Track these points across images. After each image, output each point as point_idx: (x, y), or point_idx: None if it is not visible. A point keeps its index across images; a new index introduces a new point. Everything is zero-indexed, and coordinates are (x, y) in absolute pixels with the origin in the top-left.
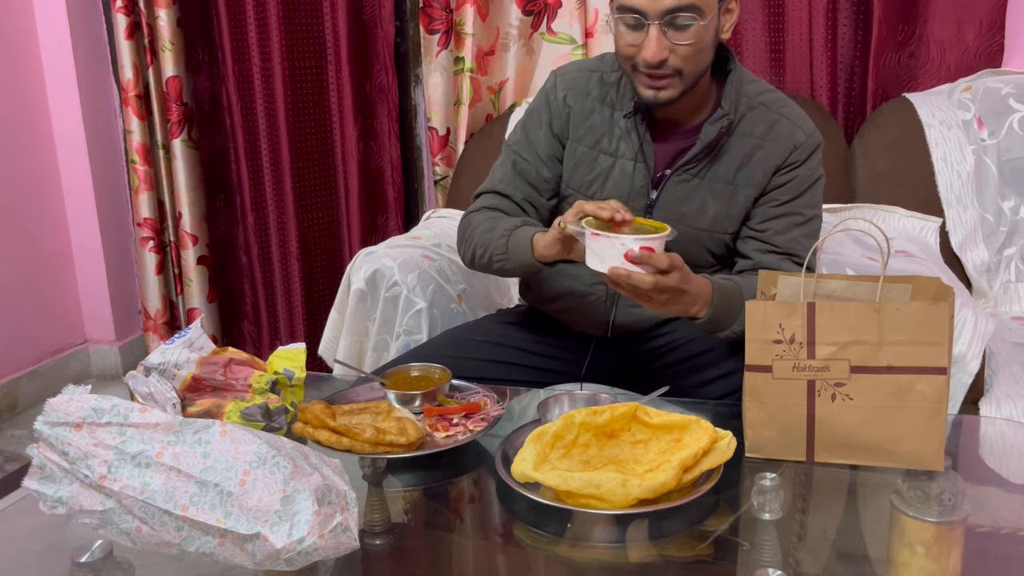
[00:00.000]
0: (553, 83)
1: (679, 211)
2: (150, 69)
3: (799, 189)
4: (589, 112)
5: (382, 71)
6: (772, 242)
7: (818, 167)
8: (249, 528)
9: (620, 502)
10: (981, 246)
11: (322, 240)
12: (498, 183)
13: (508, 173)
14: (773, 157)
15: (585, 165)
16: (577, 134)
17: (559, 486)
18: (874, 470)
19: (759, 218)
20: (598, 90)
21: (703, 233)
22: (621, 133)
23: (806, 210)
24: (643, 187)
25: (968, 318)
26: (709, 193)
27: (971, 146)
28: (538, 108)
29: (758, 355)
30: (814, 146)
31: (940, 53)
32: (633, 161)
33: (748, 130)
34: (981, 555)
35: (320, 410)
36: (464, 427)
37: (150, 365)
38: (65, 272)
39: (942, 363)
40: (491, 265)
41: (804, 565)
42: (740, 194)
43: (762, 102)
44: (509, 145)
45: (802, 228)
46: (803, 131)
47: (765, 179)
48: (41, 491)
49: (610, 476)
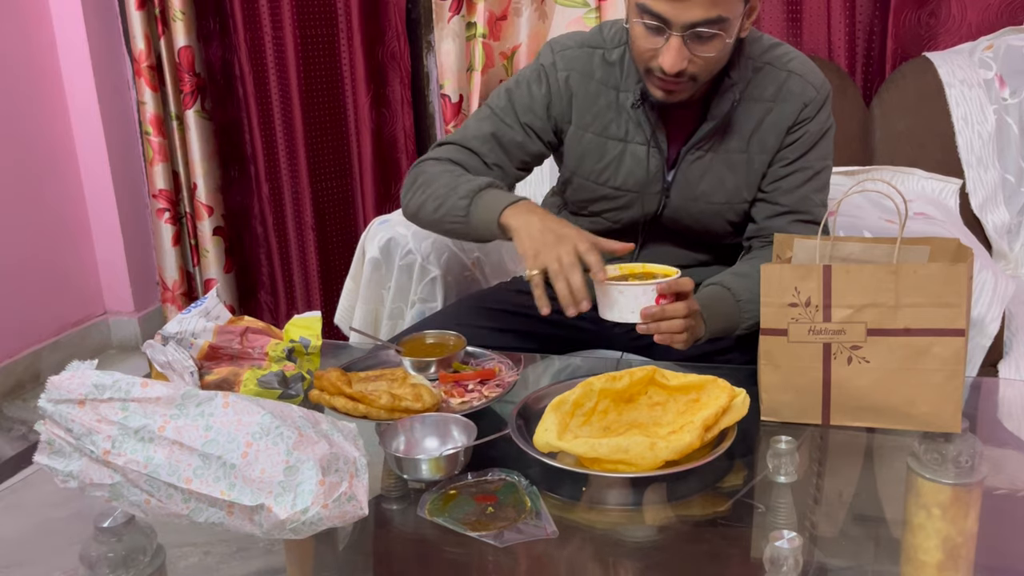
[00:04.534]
0: (552, 60)
1: (697, 189)
2: (162, 40)
3: (809, 144)
4: (595, 97)
5: (394, 38)
6: (780, 202)
7: (828, 118)
8: (253, 500)
9: (648, 465)
10: (1002, 207)
11: (336, 209)
12: (471, 139)
13: (485, 134)
14: (785, 118)
15: (594, 153)
16: (583, 121)
17: (586, 453)
18: (890, 432)
19: (769, 179)
20: (602, 71)
21: (723, 207)
22: (628, 116)
23: (816, 163)
24: (658, 171)
25: (988, 280)
26: (725, 166)
27: (992, 106)
28: (531, 81)
29: (773, 318)
30: (824, 98)
31: (961, 11)
32: (645, 146)
33: (757, 94)
34: (998, 517)
35: (336, 377)
36: (479, 393)
37: (167, 334)
38: (83, 244)
39: (960, 325)
40: (441, 224)
41: (820, 528)
42: (756, 160)
43: (767, 61)
44: (490, 107)
45: (811, 183)
46: (812, 86)
47: (778, 141)
48: (52, 466)
49: (637, 440)
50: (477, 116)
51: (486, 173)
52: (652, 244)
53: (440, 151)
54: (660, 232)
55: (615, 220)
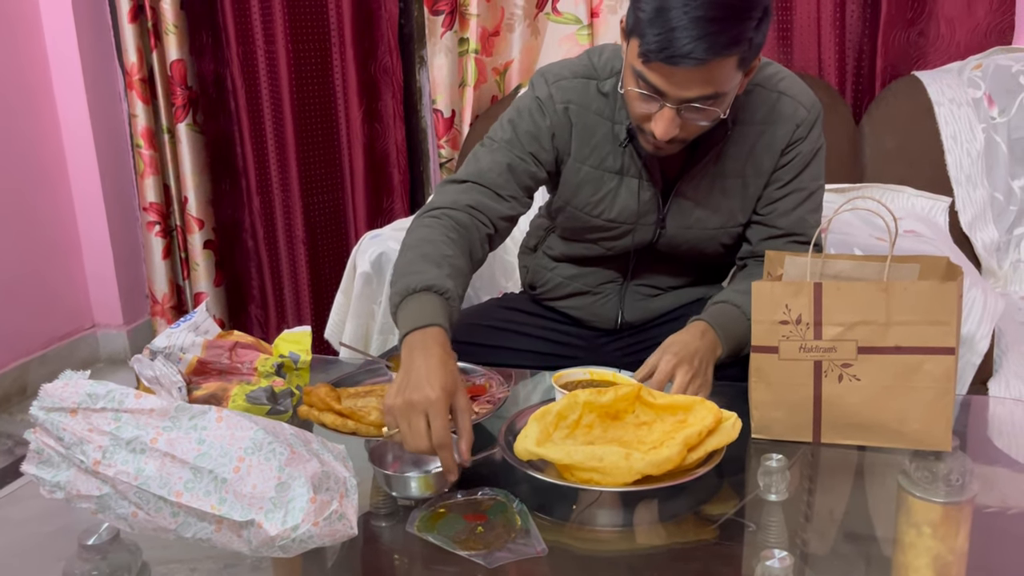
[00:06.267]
0: (548, 92)
1: (692, 217)
2: (154, 52)
3: (802, 164)
4: (593, 128)
5: (387, 53)
6: (776, 224)
7: (819, 137)
8: (243, 515)
9: (623, 476)
10: (991, 225)
11: (328, 223)
12: (486, 173)
13: (501, 167)
14: (778, 140)
15: (590, 185)
16: (582, 153)
17: (561, 459)
18: (881, 450)
19: (764, 201)
20: (597, 102)
21: (718, 231)
22: (624, 148)
23: (810, 184)
24: (651, 203)
25: (977, 298)
26: (720, 191)
27: (981, 124)
28: (532, 111)
29: (764, 336)
30: (815, 118)
31: (950, 30)
32: (638, 179)
33: (749, 117)
34: (989, 535)
35: (325, 393)
36: None
37: (156, 349)
38: (72, 257)
39: (950, 343)
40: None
41: (810, 546)
42: (751, 184)
43: (757, 83)
44: (494, 139)
45: (806, 204)
46: (803, 106)
47: (772, 163)
48: (40, 476)
49: (613, 449)
50: (487, 149)
51: (502, 206)
52: (642, 268)
53: (453, 193)
54: (652, 258)
55: (608, 248)
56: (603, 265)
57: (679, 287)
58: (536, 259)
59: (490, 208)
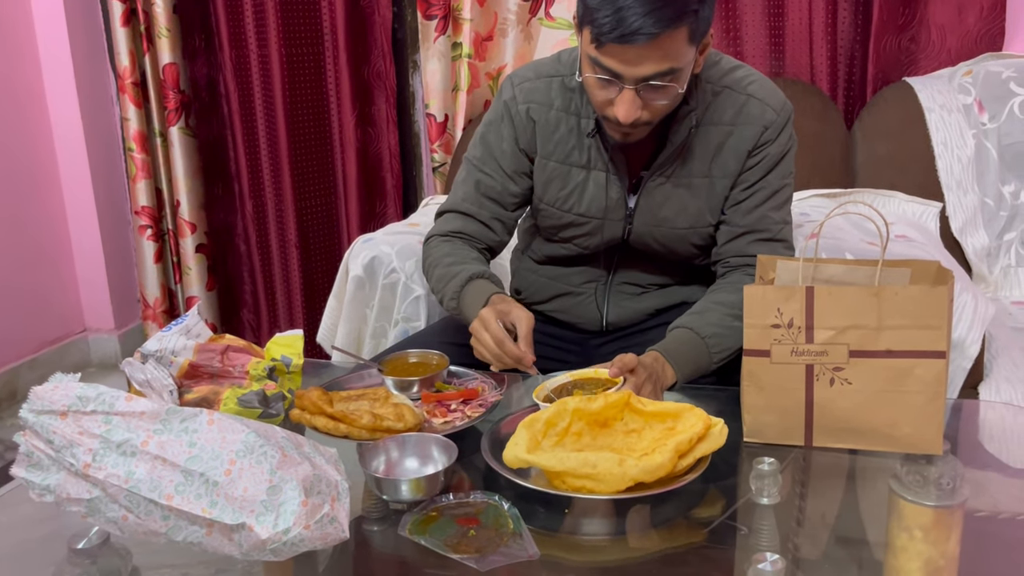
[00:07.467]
0: (512, 95)
1: (660, 215)
2: (147, 56)
3: (770, 166)
4: (555, 125)
5: (380, 57)
6: (738, 223)
7: (790, 139)
8: (234, 518)
9: (616, 483)
10: (981, 231)
11: (321, 227)
12: (460, 202)
13: (471, 193)
14: (745, 141)
15: (558, 180)
16: (546, 150)
17: (554, 467)
18: (872, 454)
19: (730, 201)
20: (561, 99)
21: (687, 231)
22: (590, 142)
23: (776, 182)
24: (620, 198)
25: (968, 302)
26: (687, 190)
27: (972, 130)
28: (497, 120)
29: (756, 339)
30: (784, 120)
31: (941, 37)
32: (605, 173)
33: (716, 118)
34: (980, 539)
35: (317, 396)
36: (462, 413)
37: (147, 352)
38: (64, 261)
39: (941, 347)
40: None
41: (802, 549)
42: (717, 184)
43: (726, 84)
44: (470, 160)
45: (770, 201)
46: (772, 108)
47: (739, 165)
48: (29, 479)
49: (606, 456)
50: (461, 174)
51: (486, 231)
52: (622, 268)
53: (440, 223)
54: (629, 256)
55: (584, 246)
56: (583, 264)
57: (663, 286)
58: (522, 262)
59: (476, 234)
